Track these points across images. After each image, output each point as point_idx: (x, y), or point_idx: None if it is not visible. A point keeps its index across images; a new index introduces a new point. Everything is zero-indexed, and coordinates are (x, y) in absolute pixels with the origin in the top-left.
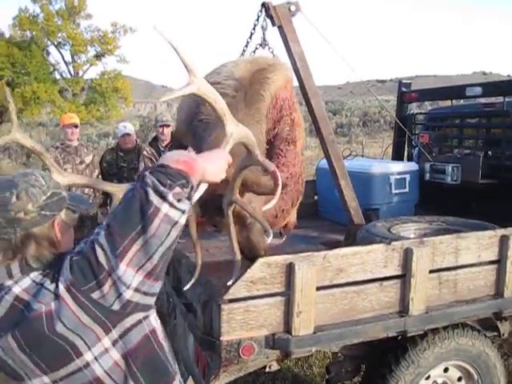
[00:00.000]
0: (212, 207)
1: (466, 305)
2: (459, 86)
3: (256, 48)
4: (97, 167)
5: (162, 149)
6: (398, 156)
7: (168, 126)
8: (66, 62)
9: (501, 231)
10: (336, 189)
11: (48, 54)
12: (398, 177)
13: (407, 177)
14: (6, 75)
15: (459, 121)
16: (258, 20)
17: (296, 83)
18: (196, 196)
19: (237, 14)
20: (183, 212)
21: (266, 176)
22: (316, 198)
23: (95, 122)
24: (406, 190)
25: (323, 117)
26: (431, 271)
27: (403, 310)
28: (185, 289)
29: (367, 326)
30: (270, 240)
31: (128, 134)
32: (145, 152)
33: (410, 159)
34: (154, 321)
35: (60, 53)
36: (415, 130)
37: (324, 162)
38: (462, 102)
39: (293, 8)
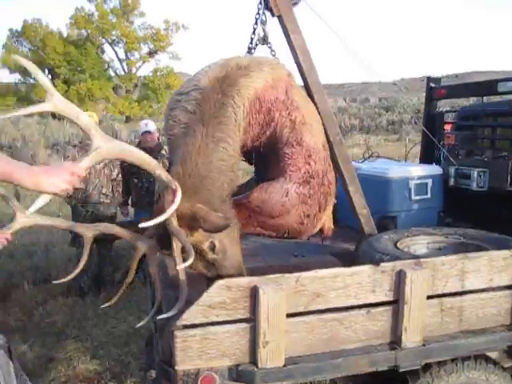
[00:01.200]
0: (168, 241)
1: (474, 336)
2: (490, 81)
3: (256, 45)
4: (116, 166)
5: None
6: (427, 159)
7: (150, 132)
8: (119, 60)
9: None
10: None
11: (102, 51)
12: (419, 182)
13: (429, 182)
14: (63, 73)
15: (491, 120)
16: (258, 13)
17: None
18: (39, 204)
19: None
20: None
21: (216, 215)
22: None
23: (148, 117)
24: (428, 196)
25: (329, 115)
26: (430, 297)
27: (395, 342)
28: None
29: (350, 358)
30: (186, 264)
31: (149, 132)
32: (163, 151)
33: (437, 162)
34: None
35: (114, 50)
36: (443, 130)
37: None
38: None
39: None
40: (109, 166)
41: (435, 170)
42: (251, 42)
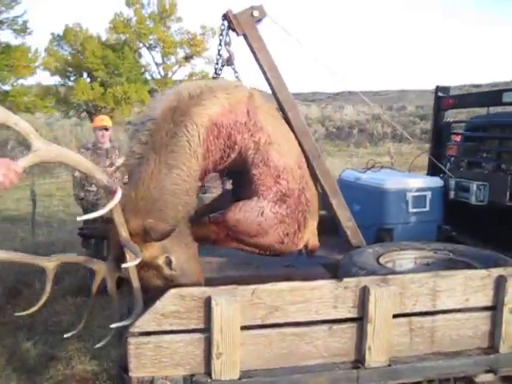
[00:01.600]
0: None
1: (447, 359)
2: (495, 92)
3: (222, 66)
4: None
5: None
6: (434, 170)
7: (107, 129)
8: (156, 64)
9: (497, 271)
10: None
11: (140, 55)
12: (417, 194)
13: (428, 194)
14: (100, 76)
15: (498, 131)
16: (222, 35)
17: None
18: None
19: None
20: None
21: (165, 225)
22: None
23: None
24: (426, 209)
25: (303, 131)
26: (397, 316)
27: (359, 360)
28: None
29: (309, 375)
30: (134, 263)
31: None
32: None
33: (444, 174)
34: None
35: (151, 54)
36: (450, 141)
37: (347, 174)
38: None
39: (256, 13)
40: (121, 170)
41: (435, 182)
42: (217, 63)
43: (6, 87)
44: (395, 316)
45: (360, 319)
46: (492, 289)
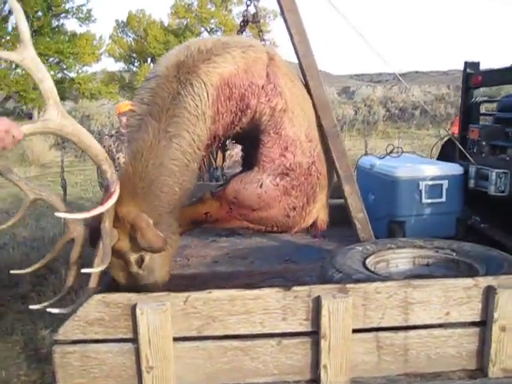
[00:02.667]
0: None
1: (423, 381)
2: None
3: (247, 22)
4: None
5: None
6: (461, 156)
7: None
8: None
9: (485, 280)
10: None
11: None
12: (431, 183)
13: (444, 183)
14: None
15: None
16: None
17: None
18: None
19: None
20: None
21: (157, 234)
22: None
23: None
24: (443, 199)
25: (324, 104)
26: (359, 330)
27: (315, 380)
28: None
29: None
30: (94, 270)
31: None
32: None
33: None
34: None
35: None
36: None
37: (364, 161)
38: None
39: None
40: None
41: (453, 169)
42: (243, 20)
43: (72, 74)
44: (356, 331)
45: (314, 333)
46: (479, 301)
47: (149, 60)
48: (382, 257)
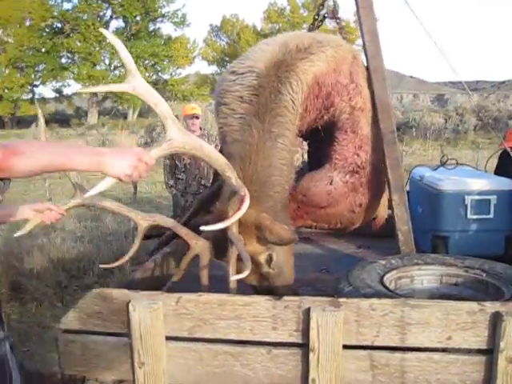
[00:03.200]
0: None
1: None
2: None
3: (324, 17)
4: None
5: None
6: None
7: (197, 117)
8: None
9: (492, 306)
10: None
11: None
12: (478, 197)
13: (492, 198)
14: None
15: None
16: None
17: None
18: (99, 188)
19: None
20: None
21: (283, 227)
22: None
23: None
24: (490, 215)
25: (387, 107)
26: (351, 347)
27: None
28: None
29: None
30: (242, 276)
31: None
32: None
33: None
34: None
35: None
36: None
37: (416, 171)
38: None
39: None
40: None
41: (504, 184)
42: (317, 14)
43: (166, 76)
44: (348, 347)
45: (304, 346)
46: (486, 328)
47: None
48: (405, 272)
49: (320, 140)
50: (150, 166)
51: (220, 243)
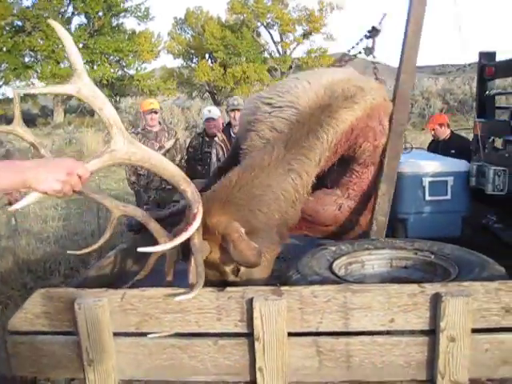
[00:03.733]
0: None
1: None
2: None
3: (359, 53)
4: (180, 152)
5: (233, 135)
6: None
7: (239, 110)
8: (274, 42)
9: (433, 287)
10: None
11: (258, 34)
12: (435, 179)
13: (449, 180)
14: (220, 57)
15: None
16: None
17: None
18: (23, 202)
19: None
20: None
21: (251, 246)
22: None
23: None
24: (448, 197)
25: (405, 100)
26: (297, 334)
27: (253, 382)
28: None
29: None
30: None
31: (212, 119)
32: (216, 138)
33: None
34: None
35: (269, 33)
36: (490, 117)
37: None
38: None
39: None
40: (171, 153)
41: (459, 165)
42: (353, 47)
43: (131, 72)
44: (293, 334)
45: (250, 335)
46: (427, 309)
47: (207, 56)
48: (356, 258)
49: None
50: (85, 179)
51: (187, 247)
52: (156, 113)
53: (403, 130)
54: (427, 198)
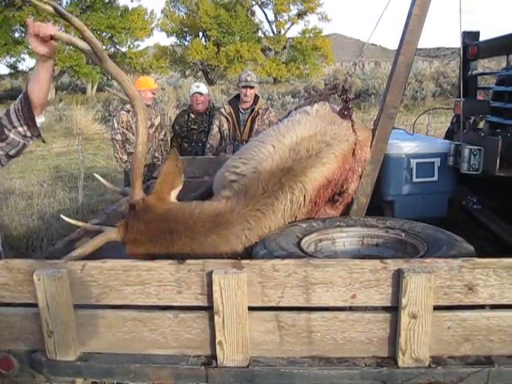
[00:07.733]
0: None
1: (328, 365)
2: None
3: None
4: (164, 127)
5: (241, 111)
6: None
7: (252, 87)
8: (268, 21)
9: (394, 263)
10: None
11: (252, 13)
12: (422, 160)
13: (436, 161)
14: (213, 35)
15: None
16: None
17: None
18: None
19: None
20: None
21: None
22: None
23: (296, 79)
24: (435, 178)
25: (400, 84)
26: (257, 308)
27: (213, 356)
28: None
29: (148, 367)
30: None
31: (200, 93)
32: (222, 109)
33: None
34: None
35: (263, 12)
36: (472, 98)
37: None
38: None
39: None
40: (158, 129)
41: (446, 146)
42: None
43: (124, 49)
44: (254, 309)
45: (210, 308)
46: (389, 285)
47: (200, 34)
48: (327, 235)
49: None
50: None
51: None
52: (154, 93)
53: (395, 114)
54: (414, 179)
